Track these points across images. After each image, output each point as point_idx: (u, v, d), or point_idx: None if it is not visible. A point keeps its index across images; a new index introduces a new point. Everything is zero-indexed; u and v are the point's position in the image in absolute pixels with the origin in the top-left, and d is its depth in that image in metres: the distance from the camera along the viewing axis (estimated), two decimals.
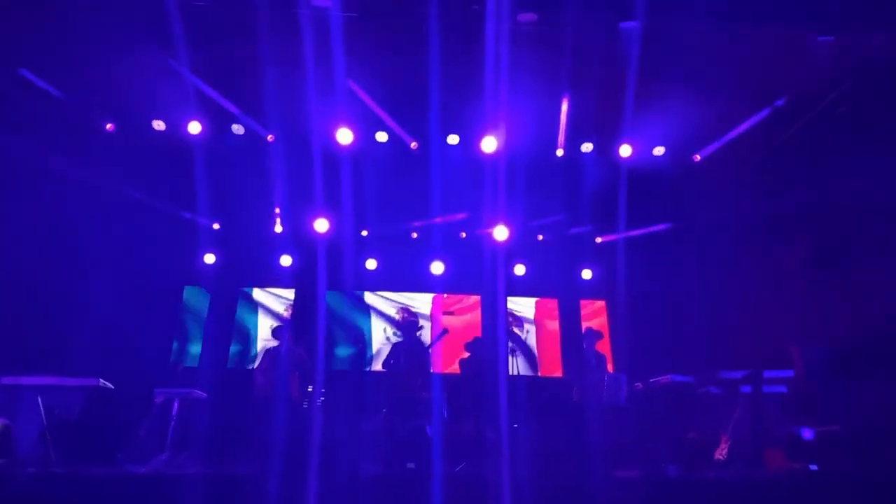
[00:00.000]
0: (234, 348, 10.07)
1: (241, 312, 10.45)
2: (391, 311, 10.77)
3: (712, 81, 7.60)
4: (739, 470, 6.22)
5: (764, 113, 8.07)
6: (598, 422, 6.76)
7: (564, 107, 8.38)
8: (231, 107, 8.35)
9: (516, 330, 10.88)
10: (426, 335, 9.87)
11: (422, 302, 10.85)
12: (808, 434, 6.28)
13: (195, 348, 9.92)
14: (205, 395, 6.78)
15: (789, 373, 6.90)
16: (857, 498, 5.21)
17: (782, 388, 6.86)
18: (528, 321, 10.95)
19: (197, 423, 6.52)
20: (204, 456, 6.15)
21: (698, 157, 9.11)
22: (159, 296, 9.57)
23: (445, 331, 8.76)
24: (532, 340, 10.78)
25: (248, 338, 10.27)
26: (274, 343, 7.71)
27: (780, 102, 7.89)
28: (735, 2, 6.52)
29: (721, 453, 6.53)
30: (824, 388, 7.12)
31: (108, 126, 8.54)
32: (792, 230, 8.13)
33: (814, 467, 6.01)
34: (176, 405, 6.39)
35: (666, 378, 7.13)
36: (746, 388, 6.74)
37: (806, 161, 8.00)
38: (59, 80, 7.60)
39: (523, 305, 11.05)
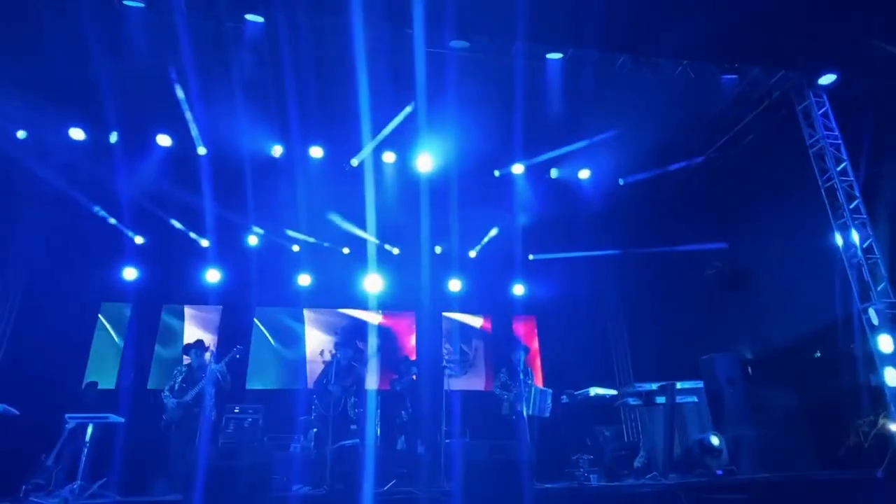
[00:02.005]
0: (154, 368, 9.60)
1: (164, 330, 9.99)
2: (326, 328, 10.62)
3: (633, 111, 8.16)
4: (655, 477, 6.58)
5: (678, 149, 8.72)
6: (526, 435, 6.99)
7: (496, 129, 8.69)
8: (158, 117, 8.09)
9: (463, 346, 10.94)
10: (367, 351, 9.80)
11: (360, 318, 10.75)
12: (715, 440, 6.74)
13: (112, 369, 9.37)
14: (121, 419, 6.42)
15: (699, 383, 7.37)
16: (764, 501, 5.62)
17: (693, 398, 7.31)
18: (478, 336, 11.06)
19: (113, 449, 6.18)
20: (120, 485, 5.85)
21: (622, 182, 9.70)
22: (74, 313, 8.99)
23: (378, 350, 8.76)
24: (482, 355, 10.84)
25: (169, 357, 9.82)
26: (184, 361, 7.38)
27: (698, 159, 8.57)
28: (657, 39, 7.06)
29: (639, 462, 6.88)
30: (732, 396, 7.66)
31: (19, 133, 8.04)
32: (703, 255, 8.76)
33: (720, 472, 6.45)
34: (89, 431, 6.01)
35: (588, 391, 7.46)
36: (661, 399, 7.16)
37: (716, 194, 8.71)
38: None
39: (474, 320, 11.16)
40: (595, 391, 7.49)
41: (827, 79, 7.91)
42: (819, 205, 7.91)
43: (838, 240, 7.70)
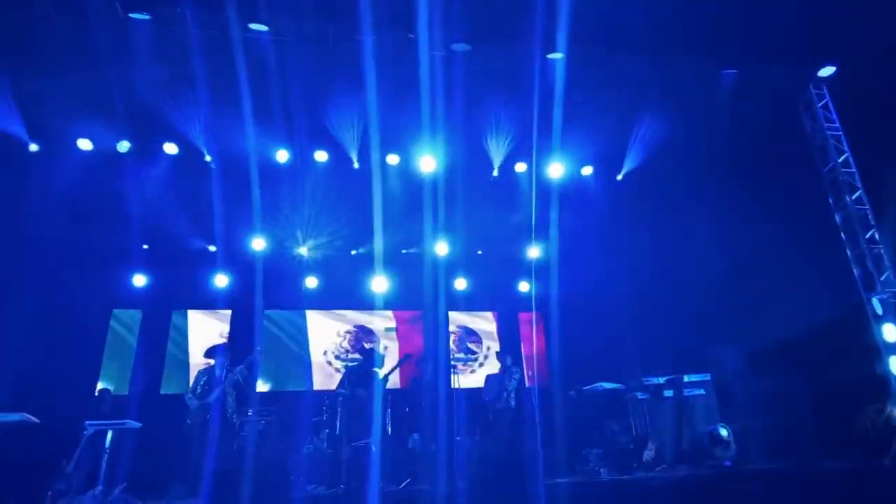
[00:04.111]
0: (166, 372, 9.72)
1: (174, 335, 10.10)
2: (332, 330, 10.72)
3: (632, 107, 8.23)
4: (665, 469, 6.67)
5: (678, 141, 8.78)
6: (537, 431, 7.09)
7: (498, 129, 8.77)
8: (165, 126, 8.18)
9: (472, 345, 11.02)
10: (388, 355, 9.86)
11: (372, 319, 10.82)
12: (724, 432, 6.82)
13: (125, 374, 9.49)
14: (138, 424, 6.53)
15: (706, 376, 7.45)
16: (773, 491, 5.71)
17: (700, 391, 7.39)
18: (489, 335, 11.15)
19: (130, 454, 6.28)
20: (139, 489, 5.96)
21: (620, 177, 9.78)
22: (86, 320, 9.10)
23: (408, 356, 8.84)
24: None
25: (181, 361, 9.93)
26: (206, 364, 7.49)
27: None
28: (653, 35, 7.12)
29: (648, 455, 6.97)
30: (739, 388, 7.74)
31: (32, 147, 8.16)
32: (707, 245, 8.82)
33: (728, 463, 6.53)
34: (108, 437, 6.13)
35: (596, 385, 7.55)
36: (669, 392, 7.24)
37: (716, 185, 8.77)
38: None
39: (484, 318, 11.23)
40: (603, 385, 7.60)
41: (826, 71, 7.96)
42: (822, 196, 7.98)
43: (841, 231, 7.77)
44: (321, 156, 9.26)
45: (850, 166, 7.88)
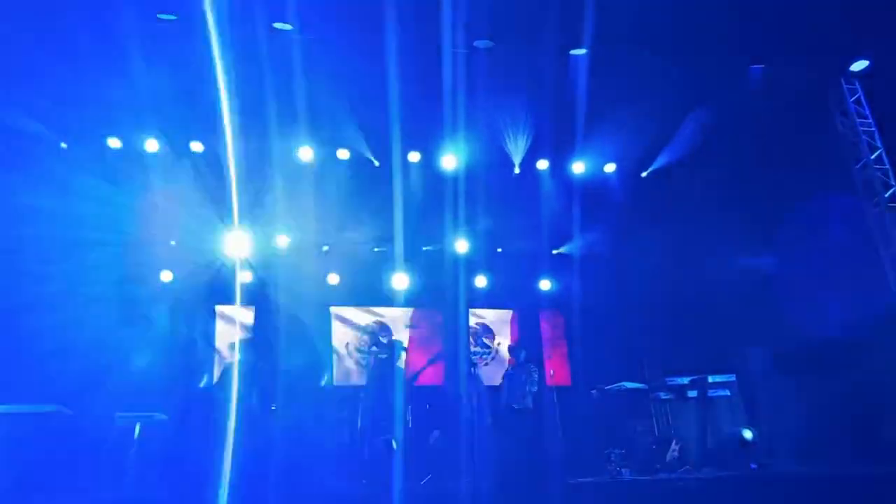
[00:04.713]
0: (194, 366, 9.90)
1: (200, 330, 10.28)
2: (356, 326, 10.80)
3: (655, 104, 8.11)
4: (688, 471, 6.60)
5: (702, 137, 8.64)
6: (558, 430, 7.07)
7: (520, 126, 8.73)
8: (189, 124, 8.32)
9: (486, 339, 11.00)
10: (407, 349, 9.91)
11: (392, 316, 10.86)
12: (749, 434, 6.72)
13: (153, 368, 9.70)
14: (166, 417, 6.69)
15: (731, 377, 7.34)
16: (798, 494, 5.61)
17: (725, 392, 7.29)
18: (500, 329, 11.11)
19: (159, 446, 6.43)
20: (168, 480, 6.09)
21: (645, 174, 9.66)
22: (117, 315, 9.32)
23: (439, 355, 8.89)
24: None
25: (208, 355, 10.11)
26: (233, 358, 7.63)
27: None
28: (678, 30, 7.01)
29: (672, 456, 6.90)
30: (766, 389, 7.61)
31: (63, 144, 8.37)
32: (734, 244, 8.67)
33: (754, 466, 6.43)
34: (137, 429, 6.30)
35: (618, 385, 7.49)
36: (693, 393, 7.16)
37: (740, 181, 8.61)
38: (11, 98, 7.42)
39: (494, 312, 11.22)
40: (625, 385, 7.53)
41: (859, 65, 7.75)
42: (854, 193, 7.78)
43: (874, 229, 7.57)
44: (343, 153, 9.32)
45: (884, 163, 7.67)
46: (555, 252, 10.77)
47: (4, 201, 7.79)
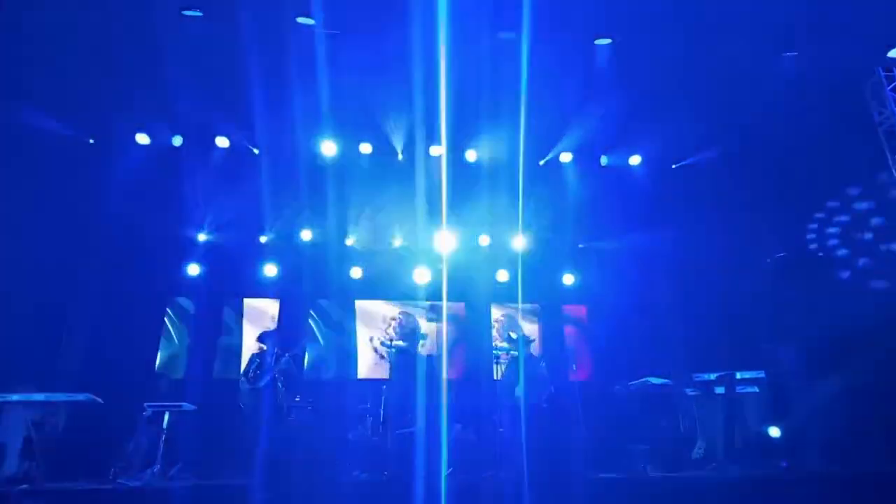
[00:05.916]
0: (220, 358, 10.06)
1: (227, 322, 10.43)
2: (378, 320, 10.83)
3: (687, 95, 7.93)
4: (716, 469, 6.46)
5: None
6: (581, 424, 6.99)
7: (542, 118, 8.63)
8: (216, 120, 8.44)
9: (512, 333, 10.91)
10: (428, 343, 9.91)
11: (415, 310, 10.85)
12: (778, 432, 6.55)
13: (181, 360, 9.88)
14: (194, 406, 6.81)
15: (761, 373, 7.16)
16: (827, 493, 5.46)
17: (754, 388, 7.12)
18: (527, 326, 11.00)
19: (186, 435, 6.55)
20: (194, 468, 6.21)
21: (674, 166, 9.47)
22: (145, 308, 9.52)
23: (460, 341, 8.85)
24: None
25: (233, 348, 10.26)
26: (259, 349, 7.72)
27: None
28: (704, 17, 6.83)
29: (698, 453, 6.77)
30: (795, 387, 7.41)
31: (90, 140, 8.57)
32: (764, 238, 8.45)
33: (784, 464, 6.28)
34: (166, 418, 6.43)
35: (643, 381, 7.37)
36: (720, 390, 7.00)
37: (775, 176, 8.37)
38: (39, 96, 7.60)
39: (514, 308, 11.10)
40: (650, 381, 7.40)
41: None
42: (890, 185, 7.50)
43: None
44: (366, 148, 9.34)
45: None
46: (581, 245, 10.65)
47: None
